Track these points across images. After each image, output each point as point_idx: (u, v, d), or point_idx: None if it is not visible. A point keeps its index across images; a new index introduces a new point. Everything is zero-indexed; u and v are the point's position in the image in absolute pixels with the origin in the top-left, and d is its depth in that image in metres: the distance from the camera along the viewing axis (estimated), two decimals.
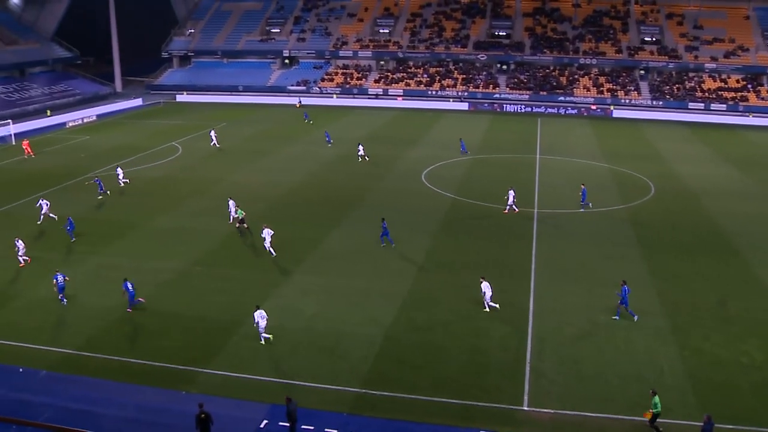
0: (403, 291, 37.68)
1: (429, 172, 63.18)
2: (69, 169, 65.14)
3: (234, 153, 72.46)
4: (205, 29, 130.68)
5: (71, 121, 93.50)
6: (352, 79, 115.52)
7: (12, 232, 47.37)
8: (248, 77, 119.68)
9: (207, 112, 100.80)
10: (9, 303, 36.84)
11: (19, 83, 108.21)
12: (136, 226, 48.92)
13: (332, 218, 50.06)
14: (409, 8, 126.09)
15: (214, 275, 40.21)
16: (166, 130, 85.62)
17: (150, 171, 65.06)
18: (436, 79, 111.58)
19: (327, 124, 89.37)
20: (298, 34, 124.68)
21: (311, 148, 74.52)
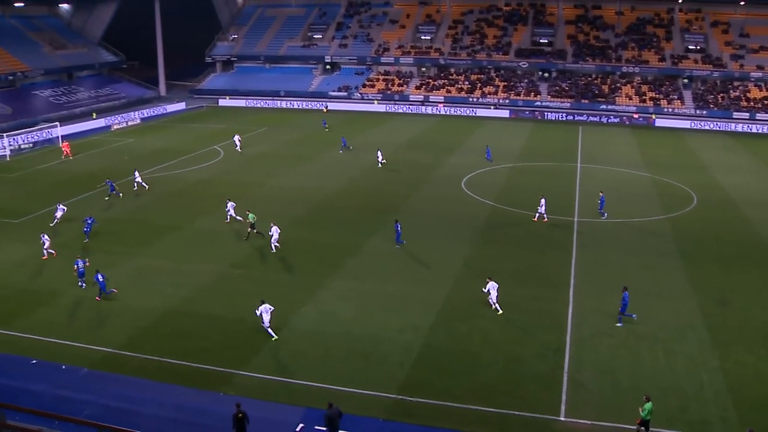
0: (441, 298, 37.55)
1: (469, 179, 62.96)
2: (112, 171, 65.99)
3: (275, 157, 72.90)
4: (248, 35, 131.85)
5: (116, 123, 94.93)
6: (393, 85, 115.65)
7: (63, 232, 48.32)
8: (290, 82, 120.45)
9: (249, 117, 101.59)
10: (53, 301, 37.46)
11: (67, 86, 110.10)
12: (178, 228, 49.43)
13: (371, 224, 50.08)
14: (451, 15, 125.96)
15: (252, 278, 40.45)
16: (209, 133, 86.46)
17: (192, 174, 65.72)
18: (478, 86, 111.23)
19: (367, 130, 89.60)
20: (340, 40, 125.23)
21: (354, 153, 74.67)
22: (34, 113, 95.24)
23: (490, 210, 53.75)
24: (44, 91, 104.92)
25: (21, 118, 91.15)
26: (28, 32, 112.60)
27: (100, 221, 49.90)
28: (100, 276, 37.64)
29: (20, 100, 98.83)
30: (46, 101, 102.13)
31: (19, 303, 37.32)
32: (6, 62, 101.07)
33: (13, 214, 52.96)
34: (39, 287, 39.37)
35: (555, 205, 53.98)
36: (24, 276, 41.14)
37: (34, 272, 41.66)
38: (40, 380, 29.39)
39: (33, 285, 39.70)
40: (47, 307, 36.84)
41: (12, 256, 44.32)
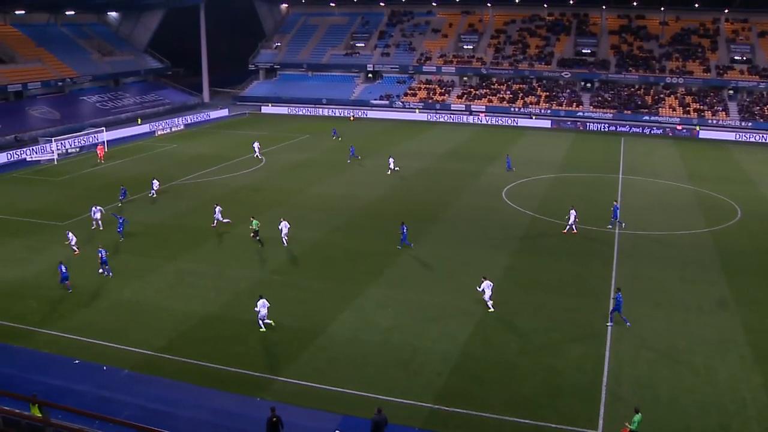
0: (480, 308, 37.34)
1: (509, 189, 62.67)
2: (157, 175, 66.79)
3: (316, 165, 73.25)
4: (292, 42, 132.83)
5: (160, 129, 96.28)
6: (435, 94, 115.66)
7: (106, 235, 49.14)
8: (332, 90, 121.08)
9: (291, 124, 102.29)
10: (95, 303, 38.02)
11: (114, 92, 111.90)
12: (220, 234, 49.88)
13: (411, 233, 49.90)
14: (494, 25, 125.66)
15: (292, 285, 40.64)
16: (251, 140, 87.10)
17: (234, 180, 66.31)
18: (519, 96, 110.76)
19: (408, 139, 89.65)
20: (383, 49, 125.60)
21: (395, 161, 74.56)
22: (81, 118, 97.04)
23: (531, 220, 53.42)
24: (91, 96, 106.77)
25: (68, 123, 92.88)
26: (78, 39, 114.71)
27: (143, 226, 50.57)
28: (63, 267, 40.04)
29: (68, 106, 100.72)
30: (93, 107, 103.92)
31: (63, 304, 37.98)
32: (56, 68, 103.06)
33: (60, 217, 53.89)
34: (82, 289, 39.98)
35: (596, 217, 53.52)
36: (69, 278, 41.77)
37: (78, 274, 42.30)
38: (82, 380, 29.83)
39: (77, 287, 40.28)
40: (90, 308, 37.40)
41: (58, 258, 45.01)
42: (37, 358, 31.87)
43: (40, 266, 43.69)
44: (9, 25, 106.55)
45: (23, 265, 43.91)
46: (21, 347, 32.84)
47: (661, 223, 52.89)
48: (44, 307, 37.55)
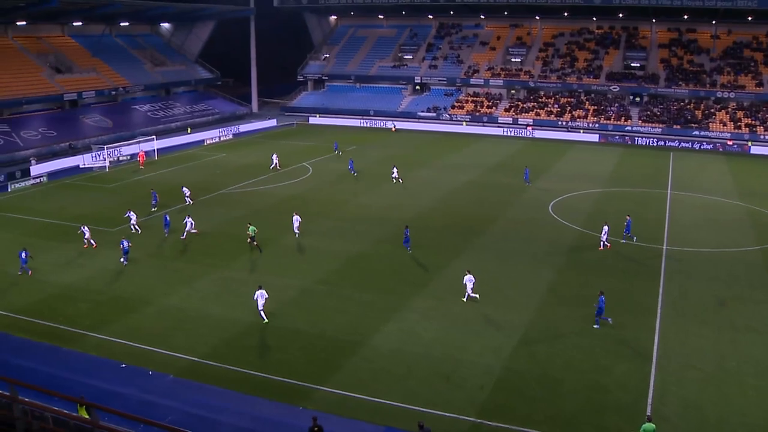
0: (525, 322, 37.08)
1: (556, 203, 62.15)
2: (205, 184, 67.71)
3: (362, 176, 73.48)
4: (340, 54, 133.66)
5: (209, 138, 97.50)
6: (483, 107, 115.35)
7: (150, 241, 49.95)
8: (380, 102, 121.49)
9: (338, 135, 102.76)
10: (143, 308, 38.56)
11: (164, 102, 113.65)
12: (267, 242, 50.24)
13: (456, 245, 49.92)
14: (542, 38, 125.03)
15: (336, 295, 40.76)
16: (298, 150, 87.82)
17: (281, 190, 66.81)
18: (567, 110, 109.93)
19: (455, 151, 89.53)
20: (430, 61, 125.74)
21: (440, 173, 74.75)
22: (132, 127, 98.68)
23: (577, 235, 52.87)
24: (143, 105, 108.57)
25: (120, 131, 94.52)
26: (131, 50, 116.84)
27: (192, 234, 51.16)
28: (24, 253, 43.60)
29: (120, 114, 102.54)
30: (145, 115, 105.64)
31: (112, 308, 38.60)
32: (110, 78, 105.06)
33: (110, 223, 54.82)
34: (131, 294, 40.60)
35: (644, 233, 52.78)
36: (118, 282, 42.57)
37: (128, 279, 43.05)
38: (128, 384, 30.24)
39: (125, 292, 40.98)
40: (137, 314, 37.94)
41: (108, 263, 45.90)
42: (85, 361, 32.42)
43: (90, 271, 44.49)
44: (67, 36, 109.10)
45: (74, 269, 44.80)
46: (71, 350, 33.46)
47: (710, 240, 51.99)
48: (94, 311, 38.22)
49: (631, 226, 51.35)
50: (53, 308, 38.63)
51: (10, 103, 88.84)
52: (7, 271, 44.43)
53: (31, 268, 43.92)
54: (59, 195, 65.31)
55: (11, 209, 60.03)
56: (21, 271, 43.89)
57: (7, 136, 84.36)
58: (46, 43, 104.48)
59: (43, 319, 37.07)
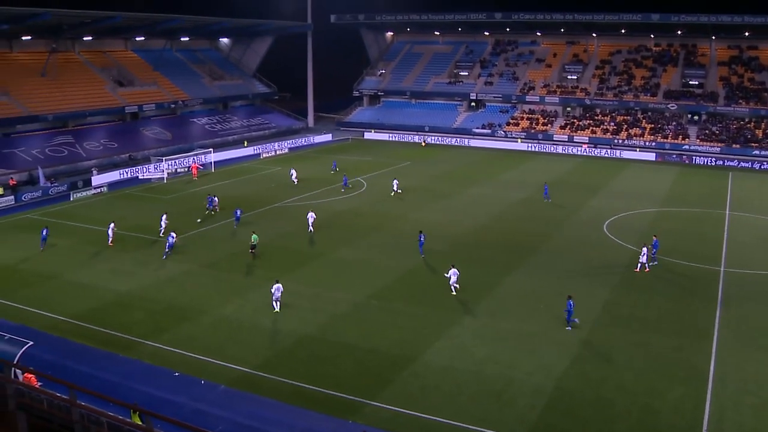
0: (577, 342, 36.58)
1: (611, 223, 61.30)
2: (260, 196, 68.42)
3: (417, 191, 73.57)
4: (396, 70, 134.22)
5: (265, 152, 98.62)
6: (538, 124, 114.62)
7: (210, 252, 50.67)
8: (435, 118, 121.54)
9: (393, 150, 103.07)
10: (197, 318, 39.04)
11: (222, 115, 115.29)
12: (319, 256, 50.57)
13: (510, 263, 49.56)
14: (599, 55, 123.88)
15: (388, 310, 40.74)
16: (353, 165, 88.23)
17: (336, 204, 67.21)
18: (623, 128, 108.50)
19: (510, 168, 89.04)
20: (486, 78, 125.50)
21: (495, 191, 74.43)
22: (190, 139, 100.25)
23: (632, 254, 51.92)
24: (201, 119, 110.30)
25: (178, 144, 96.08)
26: (191, 64, 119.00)
27: (245, 245, 51.71)
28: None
29: (179, 127, 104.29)
30: (202, 128, 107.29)
31: (166, 317, 39.19)
32: (170, 91, 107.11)
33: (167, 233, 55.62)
34: (186, 303, 41.19)
35: (701, 254, 51.78)
36: (173, 292, 43.22)
37: (183, 289, 43.69)
38: (180, 392, 30.60)
39: (180, 301, 41.59)
40: (192, 323, 38.43)
41: (164, 272, 46.70)
42: (140, 368, 32.92)
43: (146, 280, 45.29)
44: (130, 51, 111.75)
45: (131, 278, 45.62)
46: (126, 357, 34.02)
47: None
48: (149, 320, 38.85)
49: (657, 247, 50.34)
50: (111, 315, 39.37)
51: (74, 115, 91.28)
52: (69, 278, 45.50)
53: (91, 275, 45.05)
54: (118, 205, 66.65)
55: (73, 218, 61.49)
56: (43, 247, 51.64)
57: (71, 147, 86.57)
58: (110, 57, 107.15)
59: (100, 326, 37.81)
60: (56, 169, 79.91)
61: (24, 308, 40.30)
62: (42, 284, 44.62)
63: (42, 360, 31.28)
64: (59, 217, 62.10)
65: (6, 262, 49.36)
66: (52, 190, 71.61)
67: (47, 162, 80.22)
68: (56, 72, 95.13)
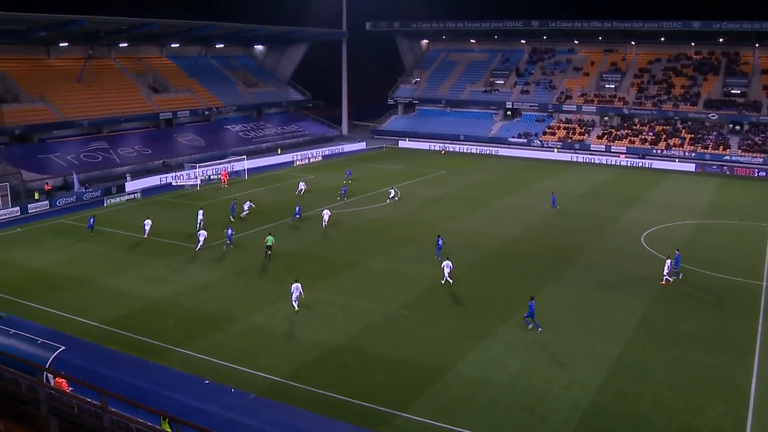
0: (613, 356, 36.16)
1: (649, 235, 60.61)
2: (292, 205, 68.52)
3: (451, 201, 73.45)
4: (431, 78, 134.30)
5: (299, 159, 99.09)
6: (575, 134, 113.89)
7: (242, 260, 50.96)
8: (470, 127, 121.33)
9: (427, 159, 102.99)
10: (228, 326, 39.25)
11: (256, 122, 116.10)
12: (352, 265, 50.61)
13: (545, 274, 49.21)
14: (637, 63, 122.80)
15: (420, 320, 40.63)
16: (387, 174, 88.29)
17: (369, 212, 67.31)
18: (662, 138, 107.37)
19: (546, 178, 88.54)
20: (522, 86, 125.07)
21: (530, 200, 74.05)
22: (224, 146, 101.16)
23: None
24: (235, 126, 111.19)
25: (212, 151, 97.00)
26: (226, 71, 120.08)
27: (278, 252, 51.97)
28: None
29: (213, 134, 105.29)
30: (236, 135, 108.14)
31: (198, 324, 39.45)
32: (204, 98, 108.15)
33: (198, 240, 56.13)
34: (217, 311, 41.44)
35: (742, 267, 51.04)
36: (204, 299, 43.51)
37: (214, 296, 43.97)
38: (210, 400, 30.61)
39: (212, 308, 41.85)
40: (222, 331, 38.63)
41: (195, 279, 47.04)
42: (170, 375, 33.03)
43: (178, 286, 45.67)
44: (165, 58, 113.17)
45: (163, 285, 46.04)
46: (157, 364, 34.18)
47: None
48: (180, 327, 39.15)
49: (679, 261, 49.59)
50: (142, 322, 39.76)
51: (109, 121, 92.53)
52: (101, 284, 46.01)
53: (124, 281, 45.58)
54: (151, 211, 67.16)
55: (106, 224, 62.17)
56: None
57: (105, 152, 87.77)
58: (145, 63, 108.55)
59: (132, 332, 38.20)
60: (90, 174, 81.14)
61: (56, 313, 40.88)
62: (74, 289, 45.23)
63: (73, 365, 31.55)
64: None
65: (39, 266, 50.09)
66: (86, 196, 72.63)
67: (82, 167, 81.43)
68: (92, 78, 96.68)
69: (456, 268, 47.75)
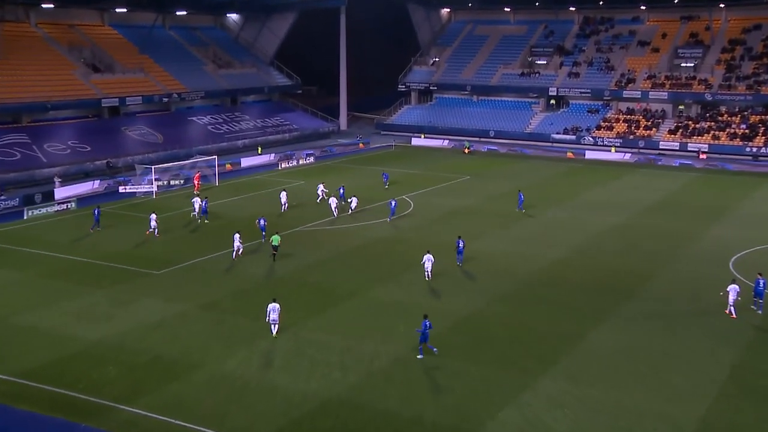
0: (693, 419, 35.46)
1: (741, 258, 59.89)
2: (278, 219, 68.04)
3: (478, 214, 73.29)
4: (453, 58, 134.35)
5: (285, 161, 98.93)
6: (639, 128, 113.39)
7: (210, 288, 50.80)
8: (502, 120, 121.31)
9: (448, 161, 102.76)
10: (190, 375, 38.63)
11: (230, 114, 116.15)
12: (351, 296, 50.13)
13: (599, 309, 48.61)
14: (726, 33, 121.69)
15: (439, 368, 40.00)
16: (398, 180, 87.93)
17: (374, 229, 67.17)
18: (760, 132, 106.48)
19: (600, 186, 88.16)
20: (570, 68, 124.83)
21: (579, 214, 73.89)
22: (188, 143, 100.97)
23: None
24: (202, 117, 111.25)
25: (173, 149, 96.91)
26: (189, 46, 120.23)
27: (255, 280, 51.56)
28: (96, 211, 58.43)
29: (173, 127, 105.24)
30: (204, 130, 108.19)
31: (149, 374, 38.79)
32: (162, 81, 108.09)
33: (155, 263, 55.77)
34: (176, 355, 40.84)
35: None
36: (159, 340, 42.93)
37: (173, 336, 43.38)
38: None
39: (169, 352, 41.24)
40: (182, 381, 38.05)
41: (149, 315, 46.46)
42: None
43: (125, 324, 45.05)
44: (108, 26, 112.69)
45: (105, 323, 45.35)
46: (92, 428, 33.52)
47: None
48: (126, 377, 38.47)
49: (765, 289, 48.68)
50: (72, 372, 38.96)
51: (31, 107, 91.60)
52: (18, 323, 45.35)
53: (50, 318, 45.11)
54: (91, 225, 66.76)
55: (27, 242, 61.82)
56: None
57: (25, 148, 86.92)
58: (80, 33, 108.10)
59: (57, 386, 37.37)
60: (5, 177, 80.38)
61: None
62: None
63: None
64: (7, 241, 62.38)
65: None
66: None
67: None
68: (4, 49, 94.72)
69: (484, 300, 47.31)
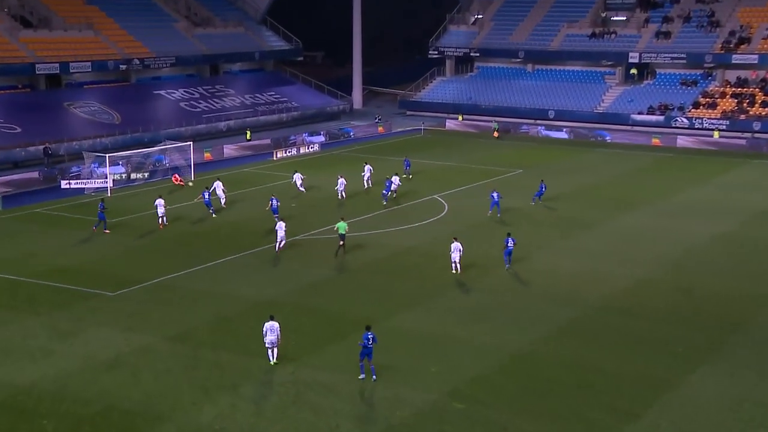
0: None
1: None
2: (271, 224, 67.84)
3: (532, 218, 73.34)
4: (500, 15, 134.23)
5: (281, 149, 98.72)
6: (753, 104, 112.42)
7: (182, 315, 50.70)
8: (566, 97, 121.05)
9: (493, 150, 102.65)
10: (153, 429, 38.33)
11: (209, 86, 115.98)
12: (370, 323, 49.73)
13: (698, 346, 48.16)
14: None
15: (481, 420, 39.57)
16: (427, 174, 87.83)
17: (399, 236, 67.44)
18: None
19: (697, 183, 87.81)
20: (659, 25, 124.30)
21: (668, 221, 73.86)
22: (155, 125, 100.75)
23: None
24: (173, 91, 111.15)
25: (133, 132, 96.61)
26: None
27: (244, 303, 51.50)
28: None
29: (134, 103, 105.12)
30: (175, 107, 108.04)
31: (100, 429, 38.43)
32: (119, 42, 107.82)
33: (110, 282, 55.74)
34: (135, 405, 40.50)
35: None
36: (114, 384, 42.59)
37: (131, 379, 43.03)
38: None
39: (126, 400, 40.92)
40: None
41: (100, 351, 46.11)
42: None
43: (68, 363, 44.81)
44: None
45: (41, 361, 45.06)
46: None
47: None
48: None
49: None
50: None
51: None
52: None
53: None
54: (24, 231, 66.83)
55: None
56: None
57: None
58: None
59: None
60: None
61: None
62: None
63: None
64: None
65: None
66: None
67: None
68: None
69: (542, 333, 47.01)
